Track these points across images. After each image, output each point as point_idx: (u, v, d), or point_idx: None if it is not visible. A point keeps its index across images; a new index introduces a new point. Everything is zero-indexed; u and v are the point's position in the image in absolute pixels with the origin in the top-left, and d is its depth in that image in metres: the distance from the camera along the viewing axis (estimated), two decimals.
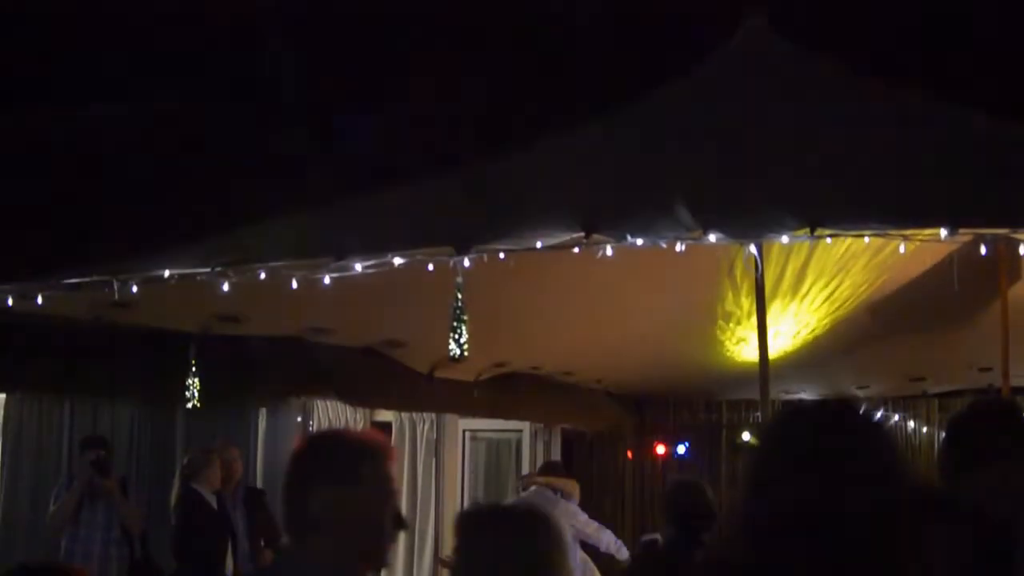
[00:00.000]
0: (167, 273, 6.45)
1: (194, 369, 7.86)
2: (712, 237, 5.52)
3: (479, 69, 13.57)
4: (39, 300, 6.81)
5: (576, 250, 5.84)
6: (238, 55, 13.21)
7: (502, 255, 5.89)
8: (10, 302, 6.87)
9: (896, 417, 12.68)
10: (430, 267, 6.03)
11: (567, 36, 14.02)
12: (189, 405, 7.99)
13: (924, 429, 12.51)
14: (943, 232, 5.46)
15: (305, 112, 13.25)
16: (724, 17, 8.00)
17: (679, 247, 5.67)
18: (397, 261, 6.00)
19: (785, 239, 5.62)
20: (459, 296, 6.04)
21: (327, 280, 6.23)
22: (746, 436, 12.85)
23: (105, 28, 12.41)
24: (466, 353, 6.24)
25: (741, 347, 9.05)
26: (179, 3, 13.14)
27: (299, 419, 10.24)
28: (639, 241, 5.57)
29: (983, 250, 5.93)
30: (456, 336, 6.14)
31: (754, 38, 7.71)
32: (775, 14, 7.75)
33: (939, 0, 13.74)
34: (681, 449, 13.19)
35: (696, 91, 7.46)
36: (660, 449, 13.23)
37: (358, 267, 6.08)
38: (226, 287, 6.44)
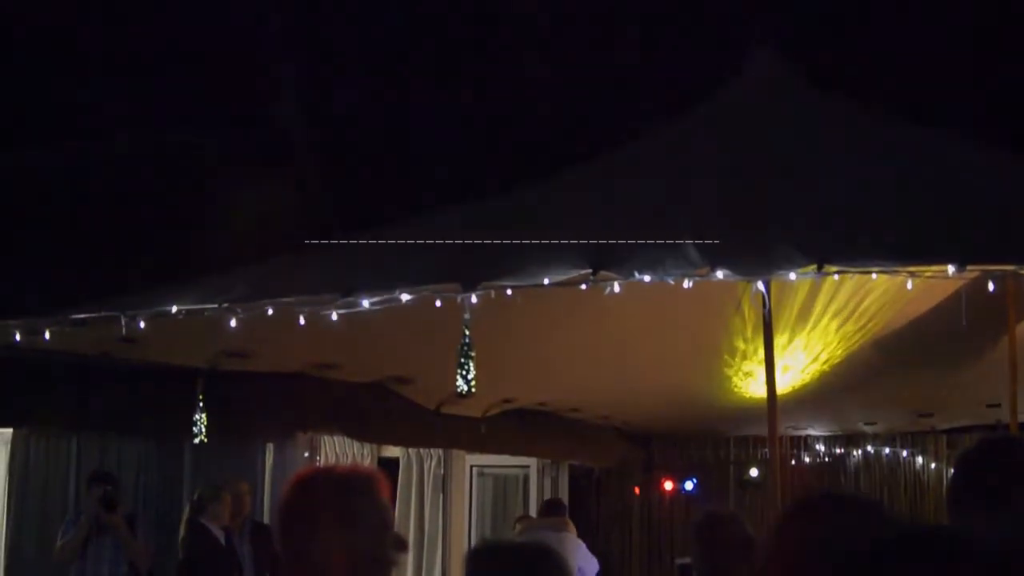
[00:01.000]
0: (175, 309, 6.45)
1: (201, 404, 7.86)
2: (720, 274, 5.50)
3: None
4: (46, 335, 6.81)
5: (584, 287, 5.83)
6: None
7: (509, 291, 5.88)
8: (17, 337, 6.88)
9: (904, 453, 12.64)
10: (438, 303, 6.02)
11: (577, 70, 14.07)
12: (196, 440, 7.98)
13: (932, 465, 12.46)
14: (951, 268, 5.45)
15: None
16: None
17: (686, 284, 5.65)
18: (405, 297, 5.99)
19: (793, 276, 5.60)
20: (467, 332, 6.02)
21: (335, 316, 6.23)
22: (753, 472, 12.81)
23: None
24: (474, 389, 6.21)
25: (749, 382, 9.03)
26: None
27: (306, 455, 10.22)
28: (647, 278, 5.55)
29: (991, 286, 5.91)
30: (464, 372, 6.11)
31: (760, 73, 7.74)
32: (784, 44, 7.81)
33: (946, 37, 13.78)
34: (689, 485, 13.14)
35: (702, 127, 7.48)
36: (668, 485, 13.19)
37: (366, 303, 6.07)
38: (234, 323, 6.44)
